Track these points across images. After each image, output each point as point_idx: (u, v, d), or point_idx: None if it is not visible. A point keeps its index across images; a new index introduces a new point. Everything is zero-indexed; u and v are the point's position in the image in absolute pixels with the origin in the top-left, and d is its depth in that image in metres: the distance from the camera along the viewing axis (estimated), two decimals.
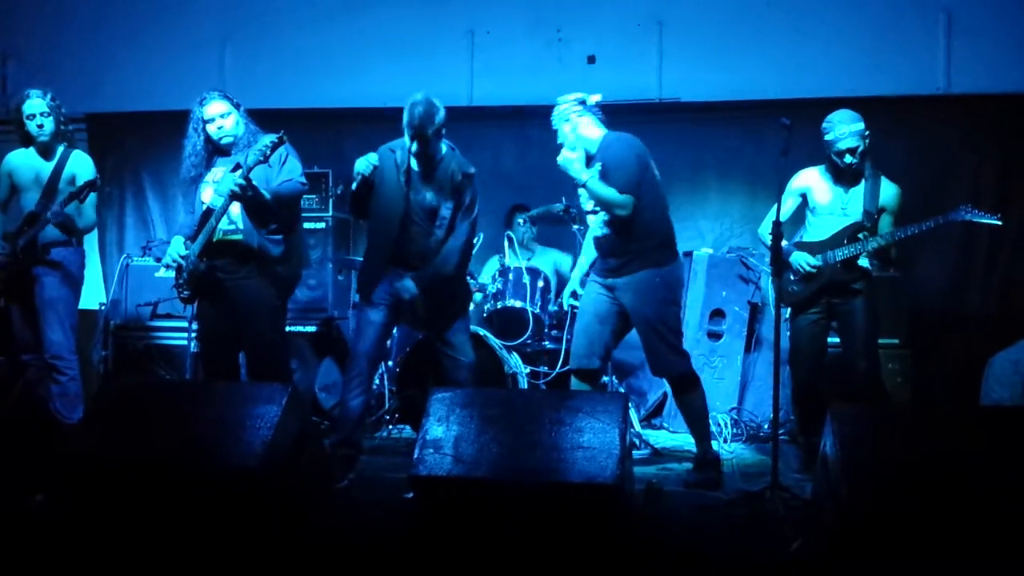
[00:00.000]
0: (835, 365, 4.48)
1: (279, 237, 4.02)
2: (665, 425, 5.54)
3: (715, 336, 5.55)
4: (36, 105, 4.38)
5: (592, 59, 6.44)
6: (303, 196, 4.23)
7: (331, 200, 5.80)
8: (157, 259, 5.76)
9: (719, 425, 5.16)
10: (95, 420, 3.36)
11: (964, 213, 4.04)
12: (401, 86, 4.19)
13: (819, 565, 2.86)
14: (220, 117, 4.06)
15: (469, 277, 5.42)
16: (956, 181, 5.74)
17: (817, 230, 4.31)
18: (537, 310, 5.29)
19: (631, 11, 6.39)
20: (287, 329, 4.49)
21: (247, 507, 3.00)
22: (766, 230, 3.94)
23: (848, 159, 4.12)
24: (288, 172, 4.05)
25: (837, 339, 4.41)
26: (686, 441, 5.19)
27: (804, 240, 4.36)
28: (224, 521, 2.98)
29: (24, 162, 4.46)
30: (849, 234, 4.18)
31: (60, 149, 4.47)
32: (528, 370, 5.27)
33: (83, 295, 4.63)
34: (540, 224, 5.87)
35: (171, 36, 6.79)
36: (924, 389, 5.30)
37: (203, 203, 4.05)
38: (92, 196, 4.35)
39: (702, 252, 5.65)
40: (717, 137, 6.15)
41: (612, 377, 5.19)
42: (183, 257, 3.98)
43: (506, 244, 5.61)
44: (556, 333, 5.43)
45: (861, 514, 2.77)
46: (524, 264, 5.40)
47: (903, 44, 6.04)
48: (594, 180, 3.93)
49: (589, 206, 4.14)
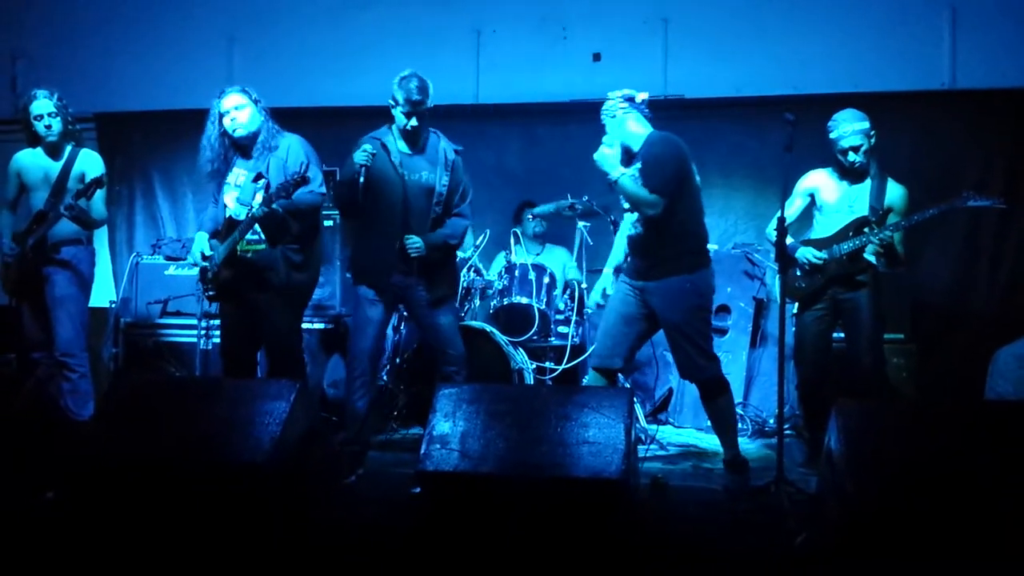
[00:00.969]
0: (840, 360, 4.48)
1: (298, 247, 4.03)
2: (671, 420, 5.56)
3: (720, 332, 5.56)
4: (43, 106, 4.41)
5: (597, 56, 6.46)
6: (321, 208, 4.22)
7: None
8: (167, 257, 5.80)
9: None
10: (105, 417, 3.39)
11: (968, 199, 4.02)
12: None
13: (823, 560, 2.87)
14: (235, 109, 4.02)
15: (476, 273, 5.46)
16: (962, 176, 5.73)
17: (824, 227, 4.32)
18: (543, 306, 5.31)
19: (636, 9, 6.41)
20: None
21: (256, 502, 3.03)
22: (772, 229, 3.95)
23: (852, 157, 4.14)
24: (309, 181, 4.04)
25: (842, 335, 4.43)
26: (691, 436, 5.22)
27: (811, 238, 4.38)
28: (233, 516, 3.00)
29: (33, 162, 4.49)
30: (855, 228, 4.20)
31: (68, 148, 4.50)
32: (534, 366, 5.30)
33: (93, 293, 4.66)
34: (547, 221, 5.89)
35: (179, 36, 6.83)
36: (928, 384, 5.30)
37: (226, 206, 4.08)
38: (101, 192, 4.38)
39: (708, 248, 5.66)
40: (722, 133, 6.16)
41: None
42: (207, 258, 4.01)
43: (512, 241, 5.63)
44: (562, 329, 5.45)
45: (865, 509, 2.78)
46: (530, 260, 5.42)
47: (908, 39, 6.04)
48: (625, 177, 3.90)
49: (626, 204, 4.09)
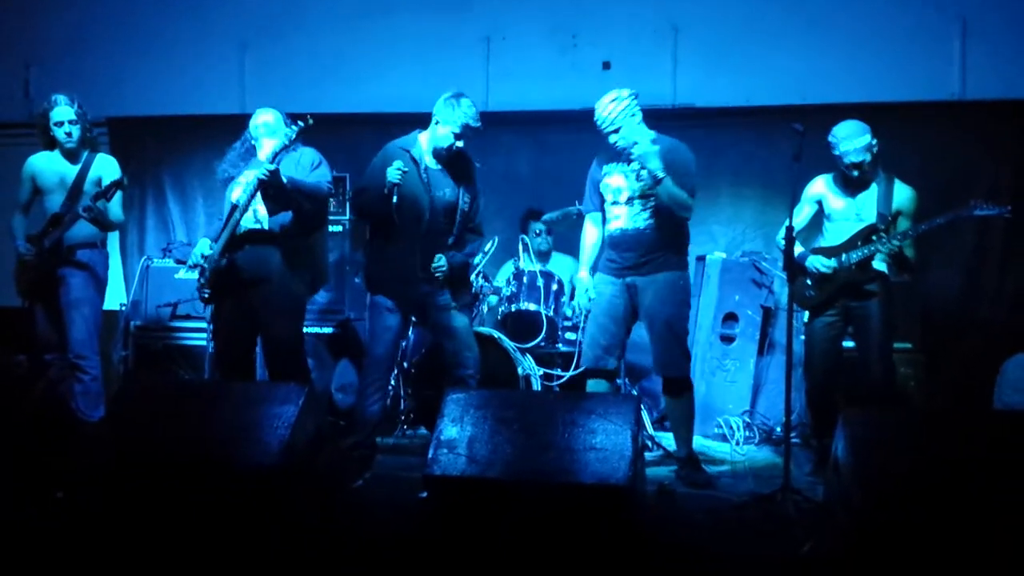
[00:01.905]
0: (849, 369, 4.49)
1: (300, 237, 4.07)
2: None
3: (728, 339, 5.56)
4: (64, 112, 4.44)
5: (607, 65, 6.47)
6: (328, 204, 4.27)
7: (348, 204, 5.85)
8: (177, 260, 5.83)
9: (732, 428, 5.18)
10: (115, 419, 3.41)
11: (975, 208, 4.04)
12: (418, 91, 4.25)
13: (830, 567, 2.87)
14: (261, 117, 4.23)
15: (484, 280, 5.47)
16: (972, 187, 5.71)
17: (833, 235, 4.33)
18: (551, 313, 5.32)
19: (646, 17, 6.42)
20: (304, 330, 4.53)
21: (264, 505, 3.05)
22: (782, 237, 3.97)
23: (855, 173, 4.18)
24: (318, 176, 4.15)
25: (851, 343, 4.43)
26: (698, 443, 5.20)
27: (821, 246, 4.38)
28: (242, 519, 3.02)
29: (48, 166, 4.53)
30: (864, 236, 4.20)
31: (85, 153, 4.53)
32: (542, 372, 5.30)
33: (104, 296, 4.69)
34: (554, 229, 5.90)
35: (191, 42, 6.87)
36: (937, 393, 5.29)
37: (232, 202, 4.12)
38: (118, 196, 4.42)
39: (715, 256, 5.67)
40: (731, 142, 6.17)
41: (625, 380, 5.21)
42: (205, 257, 4.04)
43: (520, 248, 5.65)
44: (570, 336, 5.46)
45: (872, 518, 2.78)
46: (538, 268, 5.43)
47: (918, 50, 6.03)
48: (669, 178, 3.93)
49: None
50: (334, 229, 5.82)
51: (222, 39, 6.86)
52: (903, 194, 4.24)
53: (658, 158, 3.93)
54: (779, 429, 5.19)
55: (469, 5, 6.64)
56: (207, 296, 4.09)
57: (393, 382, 5.10)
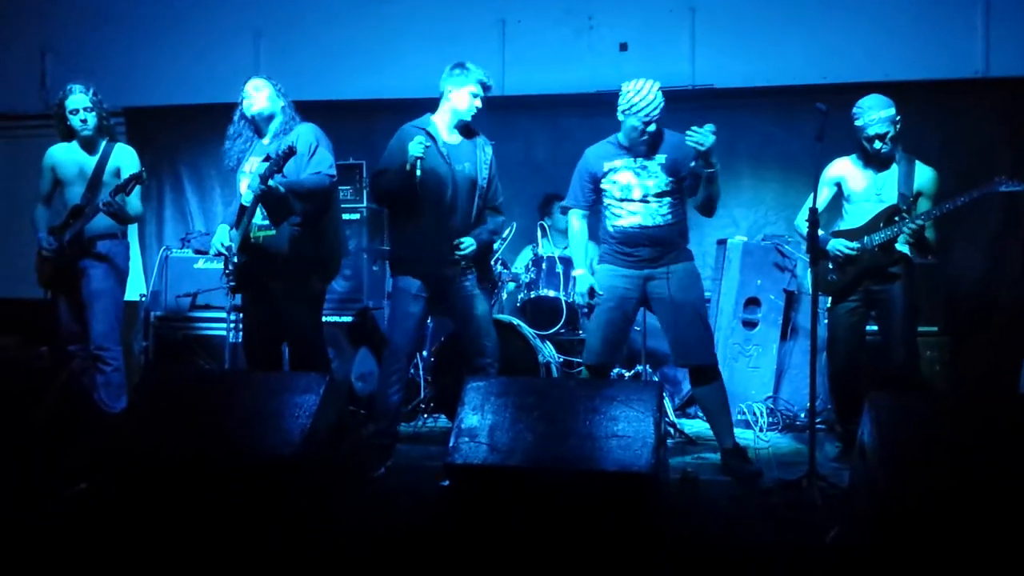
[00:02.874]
0: (873, 353, 4.44)
1: (305, 230, 4.03)
2: (700, 414, 5.52)
3: (750, 324, 5.51)
4: (80, 100, 4.44)
5: (624, 46, 6.42)
6: (335, 187, 4.19)
7: (365, 191, 5.83)
8: (196, 251, 5.85)
9: (755, 414, 5.14)
10: (136, 410, 3.42)
11: (999, 185, 3.94)
12: (433, 76, 4.19)
13: (856, 554, 2.84)
14: (254, 90, 4.12)
15: (503, 266, 5.45)
16: (995, 164, 5.62)
17: (854, 217, 4.27)
18: (570, 299, 5.30)
19: None
20: (323, 319, 4.53)
21: (286, 494, 3.05)
22: (802, 220, 3.87)
23: (878, 144, 4.09)
24: (317, 164, 4.02)
25: (875, 327, 4.37)
26: None
27: (841, 228, 4.32)
28: (263, 508, 3.02)
29: (67, 156, 4.53)
30: (885, 217, 4.14)
31: (103, 143, 4.53)
32: (562, 359, 5.28)
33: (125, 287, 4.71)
34: None
35: (206, 30, 6.88)
36: (962, 377, 5.23)
37: (241, 193, 4.11)
38: (137, 187, 4.42)
39: (736, 240, 5.62)
40: (751, 124, 6.10)
41: (646, 366, 5.18)
42: (226, 247, 4.04)
43: (539, 233, 5.62)
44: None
45: (898, 503, 2.75)
46: (558, 253, 5.40)
47: (940, 27, 5.95)
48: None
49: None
50: (351, 217, 5.80)
51: (237, 27, 6.87)
52: (924, 175, 4.18)
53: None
54: (803, 415, 5.15)
55: None
56: (233, 285, 4.08)
57: (412, 370, 5.09)
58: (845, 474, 3.59)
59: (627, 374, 5.31)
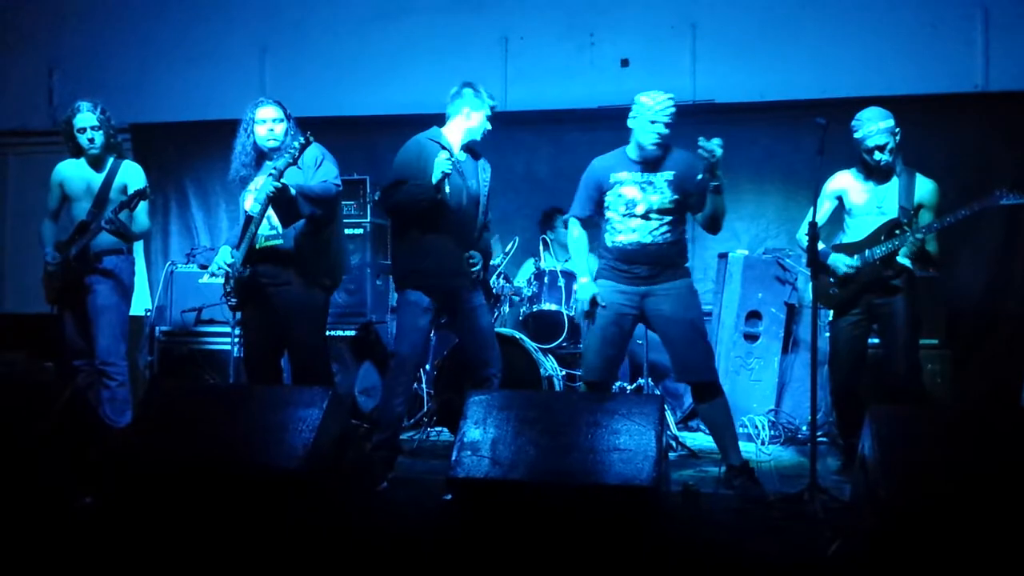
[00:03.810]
0: (875, 366, 4.44)
1: (314, 237, 4.07)
2: (702, 427, 5.52)
3: (751, 338, 5.53)
4: (87, 119, 4.47)
5: (625, 62, 6.46)
6: (339, 199, 4.24)
7: (369, 206, 5.86)
8: (201, 266, 5.87)
9: (757, 427, 5.15)
10: (141, 424, 3.44)
11: (1000, 198, 3.94)
12: (436, 92, 4.24)
13: (858, 567, 2.85)
14: (271, 121, 4.11)
15: (504, 280, 5.47)
16: (997, 179, 5.62)
17: (855, 231, 4.28)
18: (572, 312, 5.31)
19: (664, 14, 6.41)
20: (327, 333, 4.55)
21: (289, 508, 3.06)
22: (803, 234, 3.87)
23: (878, 156, 4.10)
24: (323, 175, 4.09)
25: (877, 340, 4.38)
26: None
27: (842, 242, 4.34)
28: (267, 522, 3.04)
29: (75, 173, 4.57)
30: (886, 231, 4.15)
31: (110, 160, 4.57)
32: (564, 373, 5.30)
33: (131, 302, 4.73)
34: None
35: (211, 47, 6.94)
36: (964, 390, 5.23)
37: (246, 211, 4.14)
38: (144, 204, 4.45)
39: (737, 254, 5.63)
40: (751, 138, 6.13)
41: (648, 379, 5.20)
42: (229, 265, 4.06)
43: (541, 247, 5.64)
44: None
45: (900, 516, 2.76)
46: (560, 267, 5.42)
47: (939, 41, 5.98)
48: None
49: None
50: (355, 232, 5.83)
51: (242, 44, 6.92)
52: (925, 187, 4.19)
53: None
54: (805, 428, 5.15)
55: (486, 5, 6.66)
56: (234, 303, 4.11)
57: (416, 384, 5.11)
58: (847, 487, 3.60)
59: (629, 387, 5.32)
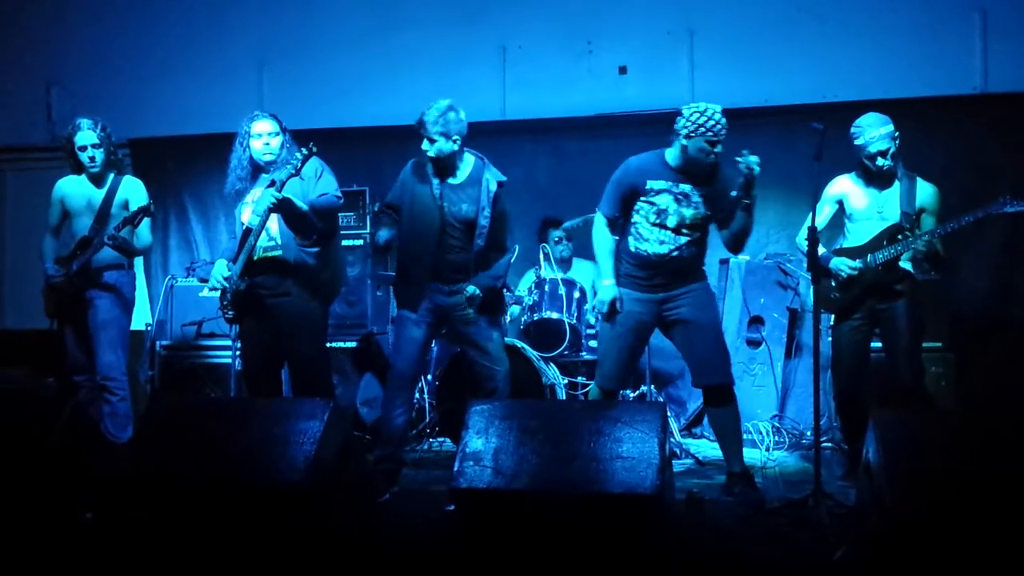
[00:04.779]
0: (878, 370, 4.43)
1: (315, 250, 4.08)
2: (706, 434, 5.51)
3: (754, 343, 5.51)
4: (87, 137, 4.48)
5: (624, 70, 6.47)
6: (339, 211, 4.26)
7: (369, 217, 5.86)
8: (201, 279, 5.87)
9: (761, 433, 5.13)
10: (143, 438, 3.43)
11: (1004, 205, 3.93)
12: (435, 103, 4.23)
13: (863, 573, 2.83)
14: (267, 135, 4.11)
15: (506, 290, 5.46)
16: (998, 181, 5.61)
17: (856, 236, 4.28)
18: (574, 321, 5.30)
19: (661, 21, 6.41)
20: (328, 345, 4.55)
21: (292, 521, 3.05)
22: (803, 238, 3.86)
23: (880, 161, 4.10)
24: (323, 186, 4.09)
25: (879, 344, 4.37)
26: None
27: (843, 247, 4.33)
28: (269, 535, 3.03)
29: (76, 189, 4.57)
30: (888, 236, 4.14)
31: (111, 176, 4.58)
32: (566, 381, 5.28)
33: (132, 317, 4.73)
34: (575, 236, 5.89)
35: (209, 62, 6.95)
36: (967, 393, 5.21)
37: (243, 224, 4.13)
38: (147, 220, 4.46)
39: (739, 259, 5.62)
40: (751, 143, 6.02)
41: (651, 386, 5.18)
42: (226, 279, 4.06)
43: (541, 256, 5.64)
44: (594, 344, 5.44)
45: (905, 521, 2.74)
46: (560, 276, 5.42)
47: (937, 44, 5.98)
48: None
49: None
50: (355, 243, 5.83)
51: (240, 58, 6.94)
52: (926, 191, 4.19)
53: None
54: (809, 433, 5.13)
55: (484, 15, 6.66)
56: (231, 316, 4.11)
57: (417, 395, 5.09)
58: (851, 492, 3.58)
59: (632, 394, 5.31)
